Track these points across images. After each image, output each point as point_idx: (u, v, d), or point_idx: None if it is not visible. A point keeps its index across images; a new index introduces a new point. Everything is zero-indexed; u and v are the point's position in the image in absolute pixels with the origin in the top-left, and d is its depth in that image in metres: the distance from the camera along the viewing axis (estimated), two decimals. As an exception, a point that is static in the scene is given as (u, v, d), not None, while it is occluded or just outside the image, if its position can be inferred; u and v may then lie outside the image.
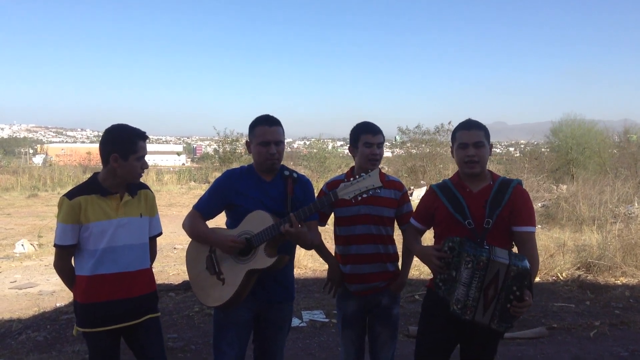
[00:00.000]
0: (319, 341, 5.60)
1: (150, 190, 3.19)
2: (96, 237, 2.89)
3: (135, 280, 2.99)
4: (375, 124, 3.44)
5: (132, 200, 3.02)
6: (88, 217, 2.88)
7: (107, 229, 2.90)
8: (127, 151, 2.91)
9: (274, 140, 3.08)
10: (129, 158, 2.92)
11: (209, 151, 46.68)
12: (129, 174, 2.96)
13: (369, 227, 3.36)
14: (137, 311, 3.00)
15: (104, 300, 2.91)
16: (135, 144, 2.93)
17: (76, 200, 2.88)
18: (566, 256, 8.89)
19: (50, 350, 5.25)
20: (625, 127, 28.85)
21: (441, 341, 2.93)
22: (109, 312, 2.92)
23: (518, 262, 2.63)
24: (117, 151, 2.91)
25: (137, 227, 3.03)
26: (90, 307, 2.92)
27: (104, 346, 2.96)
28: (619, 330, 6.00)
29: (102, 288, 2.91)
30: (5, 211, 18.14)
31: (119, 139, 2.93)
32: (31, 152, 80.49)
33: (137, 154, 2.93)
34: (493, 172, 3.05)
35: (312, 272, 9.02)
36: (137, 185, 3.09)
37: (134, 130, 2.97)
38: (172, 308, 6.63)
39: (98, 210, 2.90)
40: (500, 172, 18.28)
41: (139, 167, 2.97)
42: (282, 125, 3.18)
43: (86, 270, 2.92)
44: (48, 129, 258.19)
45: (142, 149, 2.96)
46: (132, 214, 3.01)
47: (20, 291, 8.29)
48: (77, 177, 28.16)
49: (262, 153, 3.08)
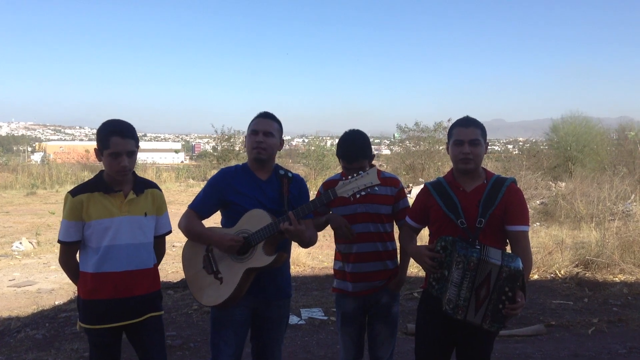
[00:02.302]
0: (317, 339, 5.61)
1: (158, 189, 3.16)
2: (99, 235, 2.88)
3: (138, 279, 2.97)
4: (358, 139, 3.33)
5: (137, 198, 2.98)
6: (90, 214, 2.87)
7: (109, 227, 2.88)
8: (102, 147, 2.87)
9: (262, 130, 3.09)
10: (103, 153, 2.87)
11: (207, 149, 46.66)
12: (108, 170, 2.91)
13: (368, 225, 3.35)
14: (139, 310, 2.98)
15: (106, 297, 2.90)
16: (107, 140, 2.84)
17: (78, 197, 2.87)
18: (564, 254, 8.90)
19: (49, 348, 5.25)
20: (623, 124, 28.90)
21: (439, 339, 2.93)
22: (111, 309, 2.91)
23: (510, 263, 2.62)
24: (97, 146, 2.91)
25: (141, 226, 2.99)
26: (92, 303, 2.91)
27: (105, 343, 2.96)
28: (617, 328, 6.02)
29: (104, 285, 2.89)
30: (3, 209, 18.14)
31: (98, 134, 2.90)
32: (29, 150, 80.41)
33: (109, 150, 2.84)
34: (487, 170, 3.04)
35: (310, 269, 9.03)
36: (144, 184, 3.07)
37: (112, 125, 2.89)
38: (171, 306, 6.64)
39: (100, 208, 2.89)
40: (498, 170, 18.29)
41: (116, 164, 2.85)
42: (279, 122, 3.19)
43: (90, 267, 2.91)
44: (46, 126, 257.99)
45: (116, 145, 2.83)
46: (136, 212, 2.97)
47: (19, 289, 8.29)
48: (75, 175, 28.12)
49: (251, 142, 3.10)
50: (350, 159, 3.26)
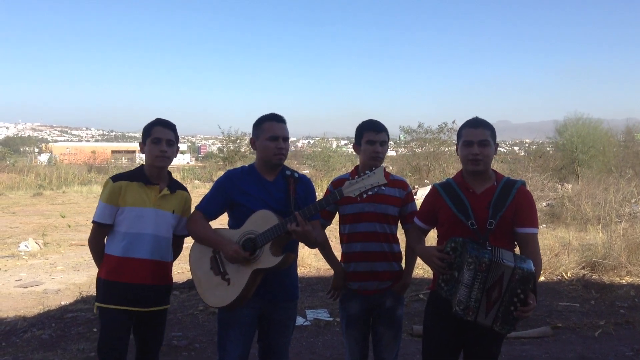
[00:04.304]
0: (323, 340, 5.61)
1: (188, 193, 3.39)
2: (130, 221, 3.11)
3: (155, 269, 3.16)
4: (379, 122, 3.43)
5: (170, 195, 3.22)
6: (126, 200, 3.12)
7: (140, 215, 3.11)
8: (145, 136, 3.20)
9: (282, 135, 3.12)
10: (146, 144, 3.18)
11: (213, 150, 46.73)
12: (148, 157, 3.18)
13: (374, 225, 3.34)
14: (151, 298, 3.16)
15: (125, 281, 3.10)
16: (150, 129, 3.18)
17: (118, 183, 3.13)
18: (571, 255, 8.86)
19: (55, 349, 5.27)
20: (629, 126, 28.77)
21: (447, 341, 2.92)
22: (128, 293, 3.09)
23: (523, 265, 2.61)
24: (142, 140, 3.24)
25: (166, 221, 3.20)
26: (112, 284, 3.11)
27: (116, 325, 3.10)
28: (624, 330, 5.98)
29: (126, 269, 3.10)
30: (10, 210, 18.22)
31: (143, 130, 3.23)
32: (36, 151, 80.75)
33: (151, 137, 3.15)
34: (497, 172, 3.03)
35: (316, 271, 9.02)
36: (177, 185, 3.32)
37: (156, 119, 3.26)
38: (177, 306, 6.65)
39: (136, 196, 3.13)
40: (504, 171, 18.24)
41: (156, 149, 3.14)
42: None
43: (117, 251, 3.12)
44: (53, 127, 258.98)
45: (158, 132, 3.16)
46: (166, 207, 3.20)
47: (26, 289, 8.33)
48: (82, 176, 28.25)
49: (271, 148, 3.09)
50: (377, 128, 3.36)
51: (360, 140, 3.39)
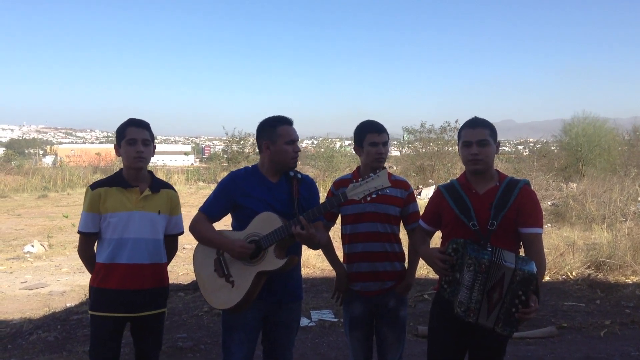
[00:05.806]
0: (328, 341, 5.60)
1: (174, 191, 3.32)
2: (113, 227, 3.06)
3: (146, 273, 3.10)
4: (379, 123, 3.44)
5: (153, 196, 3.15)
6: (107, 207, 3.06)
7: (122, 220, 3.05)
8: (119, 138, 3.11)
9: (297, 138, 3.16)
10: (121, 146, 3.09)
11: (217, 151, 46.76)
12: (125, 159, 3.10)
13: (375, 225, 3.35)
14: (144, 303, 3.10)
15: (113, 287, 3.05)
16: (124, 130, 3.09)
17: (97, 190, 3.08)
18: (576, 255, 8.83)
19: (61, 351, 5.29)
20: (635, 125, 28.64)
21: (452, 342, 2.91)
22: (117, 300, 3.04)
23: (524, 267, 2.59)
24: (116, 142, 3.14)
25: (153, 223, 3.13)
26: (101, 292, 3.07)
27: (105, 333, 3.07)
28: (630, 330, 5.96)
29: (114, 276, 3.05)
30: (15, 212, 18.27)
31: (116, 132, 3.13)
32: (41, 153, 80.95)
33: (125, 138, 3.07)
34: (501, 172, 3.02)
35: (320, 271, 9.02)
36: (161, 184, 3.25)
37: (128, 119, 3.14)
38: (182, 308, 6.65)
39: (116, 202, 3.07)
40: (509, 171, 18.19)
41: (132, 150, 3.06)
42: None
43: (104, 258, 3.08)
44: (57, 129, 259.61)
45: (132, 133, 3.07)
46: (150, 209, 3.13)
47: (31, 291, 8.36)
48: (87, 178, 28.28)
49: (289, 152, 3.11)
50: (379, 129, 3.36)
51: (362, 141, 3.38)
